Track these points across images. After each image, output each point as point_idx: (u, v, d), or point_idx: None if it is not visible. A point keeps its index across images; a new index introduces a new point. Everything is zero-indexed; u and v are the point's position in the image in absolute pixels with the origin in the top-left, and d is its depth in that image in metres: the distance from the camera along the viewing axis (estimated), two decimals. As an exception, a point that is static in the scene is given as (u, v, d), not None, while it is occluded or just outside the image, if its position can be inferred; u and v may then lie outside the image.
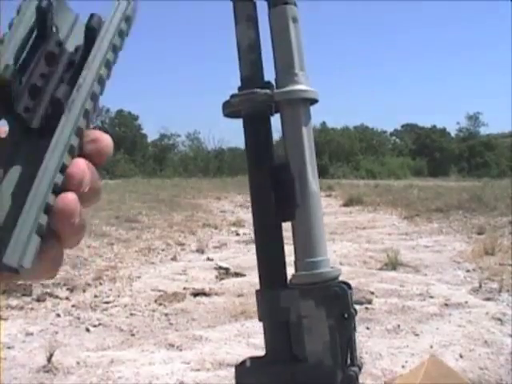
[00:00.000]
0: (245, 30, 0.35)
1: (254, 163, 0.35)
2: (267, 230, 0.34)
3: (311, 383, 0.30)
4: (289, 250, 0.34)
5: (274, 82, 0.36)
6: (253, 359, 0.34)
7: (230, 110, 0.36)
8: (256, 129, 0.36)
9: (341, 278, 0.33)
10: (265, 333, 0.33)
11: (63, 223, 0.27)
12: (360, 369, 0.31)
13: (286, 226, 0.36)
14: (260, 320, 0.34)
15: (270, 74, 0.37)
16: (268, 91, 0.35)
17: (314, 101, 0.36)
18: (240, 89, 0.36)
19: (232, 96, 0.36)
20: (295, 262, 0.34)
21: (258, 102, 0.35)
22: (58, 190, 0.27)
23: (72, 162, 0.27)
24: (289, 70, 0.35)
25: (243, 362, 0.34)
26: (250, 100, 0.35)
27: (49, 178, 0.26)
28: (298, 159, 0.34)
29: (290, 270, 0.35)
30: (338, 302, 0.30)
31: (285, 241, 0.35)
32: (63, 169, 0.27)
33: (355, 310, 0.31)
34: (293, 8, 0.35)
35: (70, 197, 0.27)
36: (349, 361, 0.31)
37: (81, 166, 0.28)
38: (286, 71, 0.35)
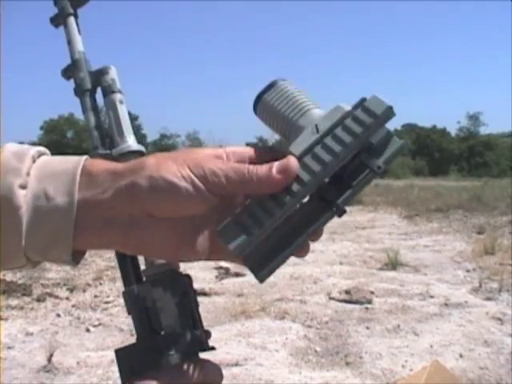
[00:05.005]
0: (90, 116, 0.51)
1: None
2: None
3: (169, 346, 0.39)
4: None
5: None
6: (130, 345, 0.43)
7: None
8: None
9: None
10: (133, 322, 0.43)
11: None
12: (204, 331, 0.42)
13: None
14: (128, 313, 0.43)
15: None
16: (108, 151, 0.50)
17: (140, 152, 0.50)
18: (90, 153, 0.52)
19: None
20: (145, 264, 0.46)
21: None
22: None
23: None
24: (120, 135, 0.50)
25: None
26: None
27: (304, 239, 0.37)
28: None
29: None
30: (177, 284, 0.42)
31: None
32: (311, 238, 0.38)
33: (194, 290, 0.43)
34: (119, 95, 0.51)
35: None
36: (194, 326, 0.41)
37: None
38: (119, 136, 0.50)
